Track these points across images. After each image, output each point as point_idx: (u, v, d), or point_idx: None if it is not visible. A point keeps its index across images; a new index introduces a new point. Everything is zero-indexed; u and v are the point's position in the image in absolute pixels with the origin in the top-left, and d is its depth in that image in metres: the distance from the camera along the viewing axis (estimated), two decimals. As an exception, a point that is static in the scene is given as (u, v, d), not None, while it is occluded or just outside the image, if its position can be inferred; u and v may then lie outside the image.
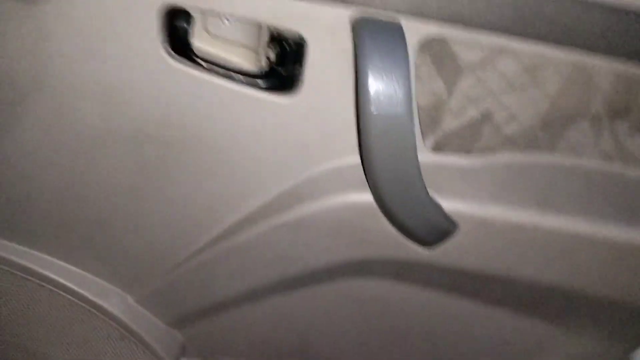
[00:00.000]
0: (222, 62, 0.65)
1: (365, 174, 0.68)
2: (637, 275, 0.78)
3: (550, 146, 0.72)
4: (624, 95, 0.67)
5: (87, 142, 0.69)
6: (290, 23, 0.59)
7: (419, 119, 0.68)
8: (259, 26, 0.65)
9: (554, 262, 0.76)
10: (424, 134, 0.69)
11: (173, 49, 0.62)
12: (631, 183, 0.75)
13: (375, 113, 0.59)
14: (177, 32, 0.63)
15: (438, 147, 0.71)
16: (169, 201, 0.75)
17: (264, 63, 0.66)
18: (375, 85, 0.59)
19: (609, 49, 0.62)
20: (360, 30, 0.58)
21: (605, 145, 0.73)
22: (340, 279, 0.85)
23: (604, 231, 0.73)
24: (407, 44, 0.60)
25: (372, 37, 0.58)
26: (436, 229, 0.71)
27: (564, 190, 0.75)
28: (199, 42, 0.64)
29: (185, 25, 0.63)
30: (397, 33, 0.59)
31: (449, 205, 0.71)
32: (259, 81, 0.65)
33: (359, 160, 0.69)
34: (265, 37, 0.64)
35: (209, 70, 0.63)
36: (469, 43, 0.61)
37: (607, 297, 0.81)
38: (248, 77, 0.65)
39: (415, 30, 0.60)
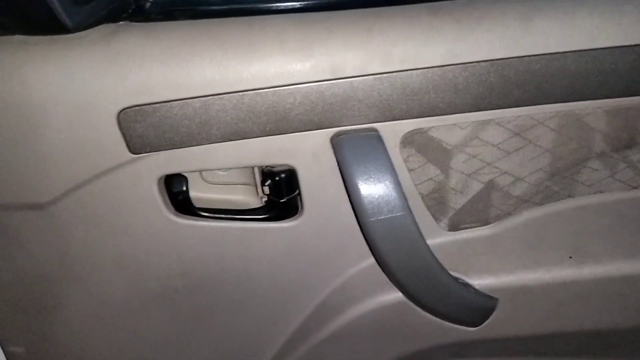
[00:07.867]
0: (224, 205, 0.69)
1: (385, 274, 0.68)
2: None
3: (567, 193, 0.70)
4: (624, 128, 0.66)
5: (124, 308, 0.72)
6: (277, 158, 0.62)
7: (426, 206, 0.68)
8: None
9: (604, 309, 0.72)
10: (436, 219, 0.69)
11: (177, 208, 0.66)
12: None
13: (372, 219, 0.61)
14: (177, 192, 0.67)
15: (454, 227, 0.70)
16: (209, 344, 0.77)
17: (262, 196, 0.69)
18: (366, 193, 0.60)
19: (588, 94, 0.62)
20: (339, 146, 0.61)
21: (623, 176, 0.70)
22: None
23: None
24: (387, 145, 0.62)
25: (351, 149, 0.60)
26: (474, 309, 0.70)
27: (594, 231, 0.72)
28: (199, 192, 0.68)
29: (183, 184, 0.67)
30: (373, 140, 0.61)
31: (482, 281, 0.70)
32: (262, 214, 0.69)
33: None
34: (258, 174, 0.68)
35: (213, 218, 0.67)
36: (446, 126, 0.63)
37: None
38: (250, 213, 0.69)
39: (392, 132, 0.62)
